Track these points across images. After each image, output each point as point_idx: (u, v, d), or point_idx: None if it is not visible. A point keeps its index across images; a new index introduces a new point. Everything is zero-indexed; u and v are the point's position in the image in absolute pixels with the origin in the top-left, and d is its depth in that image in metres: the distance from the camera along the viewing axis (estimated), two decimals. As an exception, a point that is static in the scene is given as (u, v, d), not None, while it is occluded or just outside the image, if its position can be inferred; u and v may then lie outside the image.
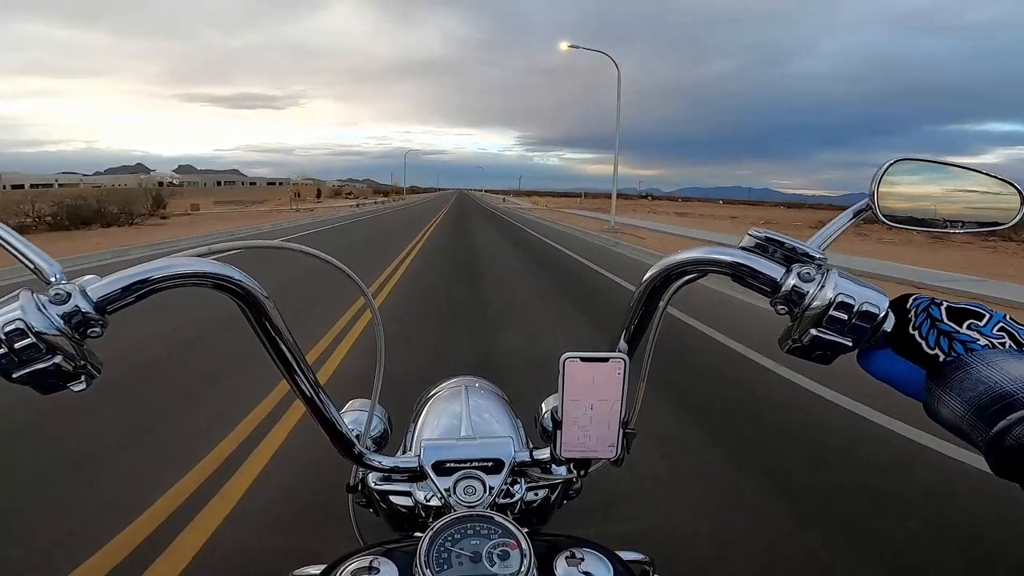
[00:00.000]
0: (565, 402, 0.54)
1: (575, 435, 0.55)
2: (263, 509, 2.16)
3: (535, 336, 4.87)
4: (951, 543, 2.02)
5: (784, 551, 1.98)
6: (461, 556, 0.51)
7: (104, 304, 0.42)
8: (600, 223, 21.38)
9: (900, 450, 2.73)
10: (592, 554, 0.54)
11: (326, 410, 0.58)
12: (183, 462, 2.47)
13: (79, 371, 0.42)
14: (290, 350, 0.54)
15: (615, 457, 0.57)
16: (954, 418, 0.38)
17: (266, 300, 0.50)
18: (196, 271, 0.46)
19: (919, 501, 2.30)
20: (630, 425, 0.58)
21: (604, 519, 2.09)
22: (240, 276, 0.48)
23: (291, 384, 0.56)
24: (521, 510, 0.69)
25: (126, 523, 2.02)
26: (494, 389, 0.87)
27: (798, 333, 0.44)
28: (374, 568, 0.51)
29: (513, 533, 0.52)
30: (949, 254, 13.13)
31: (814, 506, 2.25)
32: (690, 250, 0.49)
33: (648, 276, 0.51)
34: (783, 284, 0.44)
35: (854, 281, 0.43)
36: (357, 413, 0.74)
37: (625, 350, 0.56)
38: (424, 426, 0.76)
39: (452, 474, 0.62)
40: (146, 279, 0.44)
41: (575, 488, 0.80)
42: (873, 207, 0.48)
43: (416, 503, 0.67)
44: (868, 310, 0.41)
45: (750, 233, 0.47)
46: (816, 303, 0.42)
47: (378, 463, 0.63)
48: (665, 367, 3.76)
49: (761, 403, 3.39)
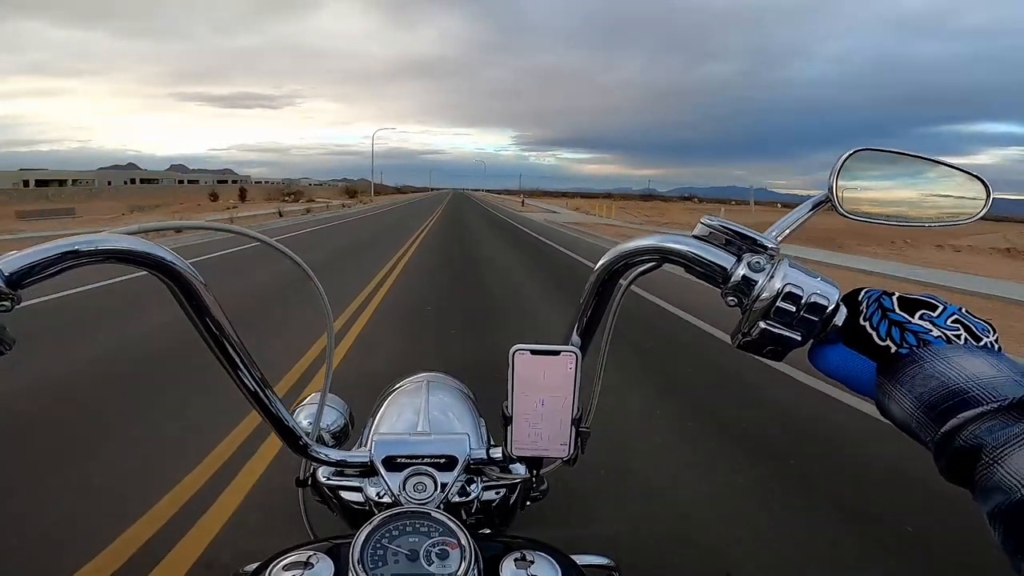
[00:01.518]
0: (515, 397, 0.52)
1: (525, 432, 0.53)
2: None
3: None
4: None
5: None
6: (398, 554, 0.49)
7: (16, 278, 0.40)
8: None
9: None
10: (542, 557, 0.52)
11: (271, 404, 0.56)
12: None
13: None
14: (230, 342, 0.51)
15: (567, 456, 0.54)
16: (904, 416, 0.36)
17: (203, 287, 0.48)
18: (120, 248, 0.44)
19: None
20: (584, 423, 0.56)
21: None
22: (172, 258, 0.46)
23: (233, 378, 0.54)
24: (479, 510, 0.67)
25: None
26: (459, 386, 0.85)
27: (747, 326, 0.42)
28: (310, 564, 0.49)
29: (453, 531, 0.50)
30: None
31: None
32: (640, 238, 0.47)
33: (598, 266, 0.49)
34: (733, 274, 0.42)
35: (805, 272, 0.41)
36: (315, 406, 0.72)
37: (578, 344, 0.54)
38: (381, 421, 0.74)
39: (403, 470, 0.60)
40: (66, 253, 0.42)
41: (541, 489, 0.78)
42: (832, 199, 0.46)
43: (367, 499, 0.65)
44: (816, 302, 0.39)
45: (703, 221, 0.45)
46: (765, 294, 0.40)
47: (325, 456, 0.61)
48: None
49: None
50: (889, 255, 13.47)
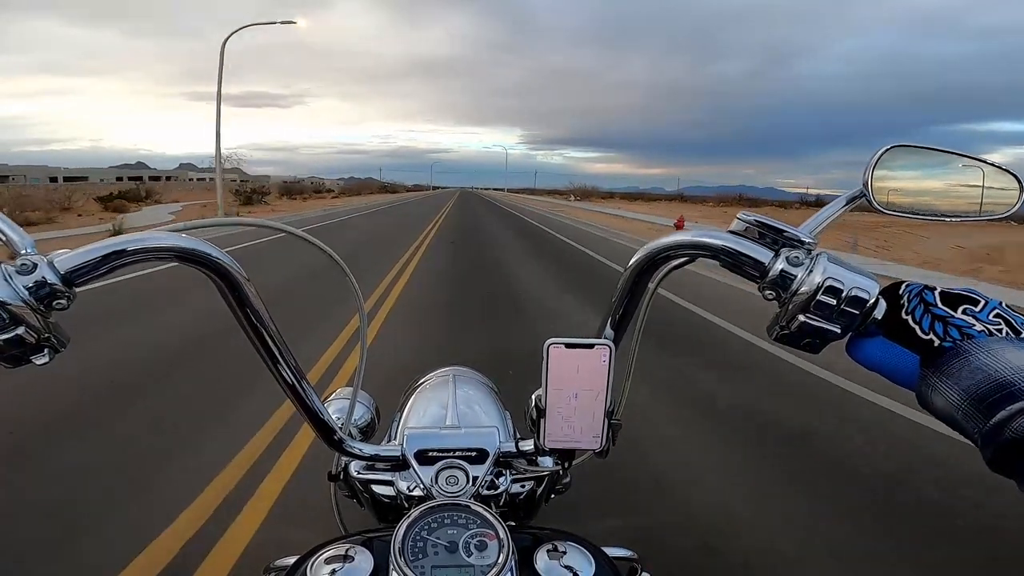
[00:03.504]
0: (548, 391, 0.53)
1: (558, 425, 0.54)
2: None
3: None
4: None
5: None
6: (437, 545, 0.49)
7: (72, 276, 0.41)
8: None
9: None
10: (575, 548, 0.53)
11: (308, 398, 0.57)
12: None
13: (43, 343, 0.41)
14: (271, 336, 0.52)
15: (600, 448, 0.55)
16: (948, 407, 0.36)
17: (246, 282, 0.49)
18: (171, 246, 0.45)
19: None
20: (616, 415, 0.56)
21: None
22: (219, 254, 0.47)
23: (272, 370, 0.55)
24: (507, 502, 0.68)
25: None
26: (483, 380, 0.86)
27: (785, 320, 0.42)
28: (349, 556, 0.50)
29: (491, 523, 0.51)
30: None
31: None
32: (676, 233, 0.47)
33: (633, 261, 0.50)
34: (771, 269, 0.43)
35: (844, 266, 0.41)
36: (343, 401, 0.73)
37: (611, 337, 0.54)
38: (409, 415, 0.75)
39: (435, 463, 0.61)
40: (118, 251, 0.43)
41: (564, 483, 0.79)
42: (867, 194, 0.46)
43: (399, 493, 0.66)
44: (857, 295, 0.40)
45: (739, 217, 0.45)
46: (804, 288, 0.41)
47: (359, 451, 0.62)
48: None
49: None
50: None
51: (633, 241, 12.50)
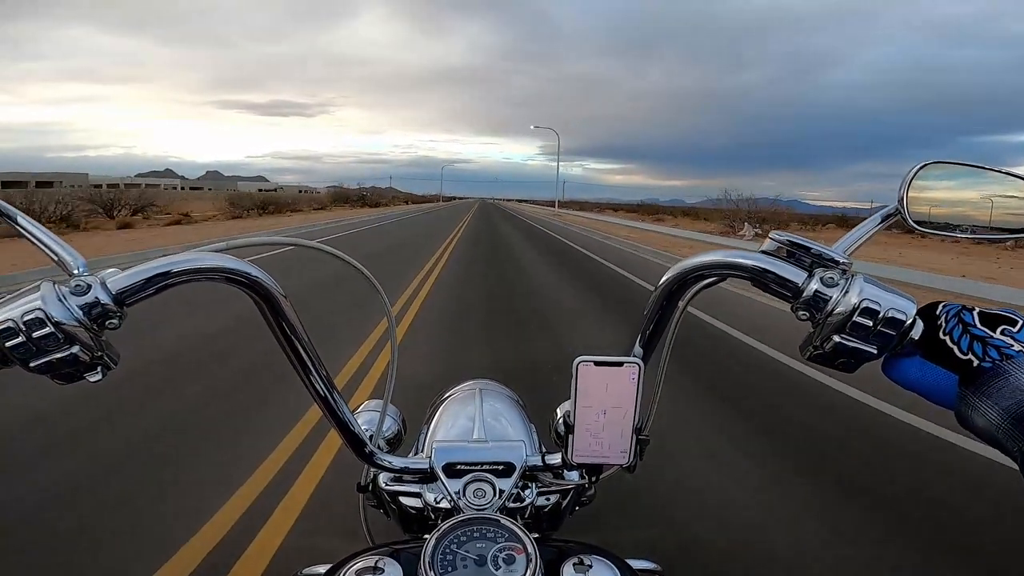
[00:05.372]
0: (577, 408, 0.53)
1: (587, 441, 0.54)
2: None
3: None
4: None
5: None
6: (466, 559, 0.50)
7: (123, 296, 0.43)
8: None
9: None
10: (601, 561, 0.53)
11: (339, 410, 0.58)
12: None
13: (96, 362, 0.43)
14: (305, 349, 0.54)
15: (628, 464, 0.55)
16: (989, 426, 0.36)
17: (283, 299, 0.50)
18: (215, 266, 0.46)
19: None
20: (644, 431, 0.56)
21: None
22: (258, 273, 0.48)
23: (305, 383, 0.56)
24: (532, 515, 0.68)
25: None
26: (509, 393, 0.86)
27: (820, 340, 0.42)
28: (379, 568, 0.51)
29: (520, 537, 0.51)
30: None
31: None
32: (708, 253, 0.47)
33: (664, 280, 0.50)
34: (805, 289, 0.43)
35: (881, 287, 0.41)
36: (371, 413, 0.74)
37: (640, 355, 0.54)
38: (437, 428, 0.76)
39: (462, 476, 0.62)
40: (166, 272, 0.44)
41: (588, 495, 0.79)
42: (902, 212, 0.46)
43: (426, 505, 0.67)
44: (895, 316, 0.40)
45: (771, 237, 0.45)
46: (839, 309, 0.41)
47: (389, 463, 0.63)
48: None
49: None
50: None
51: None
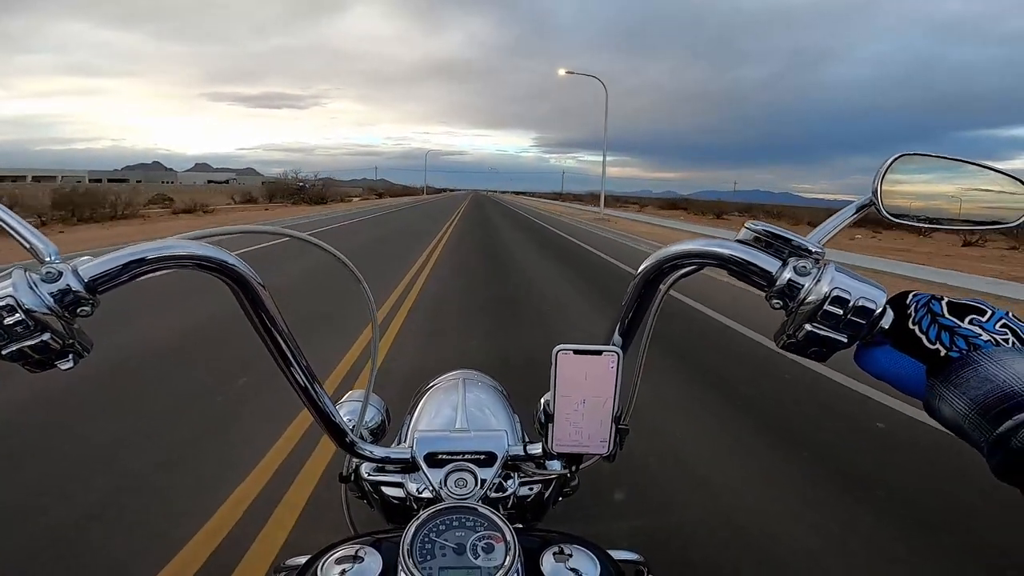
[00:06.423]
0: (557, 397, 0.53)
1: (566, 430, 0.55)
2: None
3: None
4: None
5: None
6: (445, 547, 0.50)
7: (95, 284, 0.42)
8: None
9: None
10: (581, 551, 0.53)
11: (320, 400, 0.58)
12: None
13: (67, 349, 0.42)
14: (285, 340, 0.53)
15: (607, 453, 0.56)
16: (956, 416, 0.37)
17: (261, 288, 0.50)
18: (191, 254, 0.46)
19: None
20: (623, 420, 0.57)
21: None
22: (235, 261, 0.48)
23: (285, 373, 0.56)
24: (514, 504, 0.69)
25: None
26: (493, 383, 0.86)
27: (792, 328, 0.43)
28: (359, 557, 0.51)
29: (498, 526, 0.52)
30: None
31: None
32: (685, 242, 0.48)
33: (642, 269, 0.50)
34: (778, 278, 0.43)
35: (852, 276, 0.41)
36: (355, 404, 0.74)
37: (619, 344, 0.55)
38: (419, 418, 0.76)
39: (444, 466, 0.62)
40: (140, 259, 0.44)
41: (572, 486, 0.79)
42: (876, 203, 0.46)
43: (408, 495, 0.67)
44: (864, 305, 0.40)
45: (747, 226, 0.46)
46: (811, 298, 0.41)
47: (370, 453, 0.63)
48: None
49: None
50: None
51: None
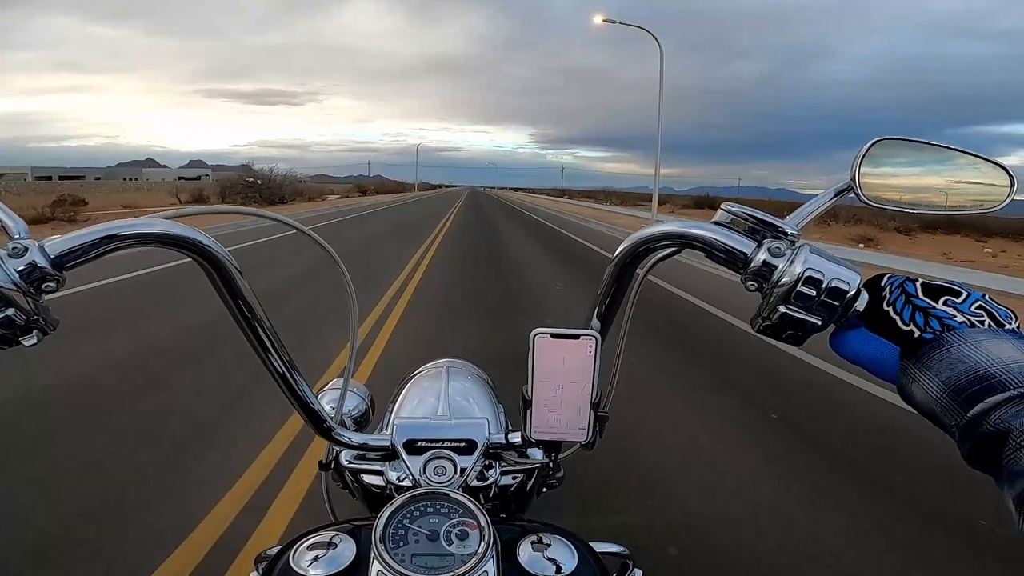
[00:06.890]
0: (534, 382, 0.53)
1: (544, 417, 0.54)
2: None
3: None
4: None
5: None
6: (419, 534, 0.50)
7: (63, 260, 0.42)
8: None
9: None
10: (560, 541, 0.53)
11: (298, 387, 0.58)
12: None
13: (31, 325, 0.42)
14: (260, 325, 0.53)
15: (586, 441, 0.55)
16: (928, 400, 0.36)
17: (236, 270, 0.49)
18: (164, 233, 0.45)
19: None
20: (603, 408, 0.56)
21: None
22: (208, 242, 0.47)
23: (262, 358, 0.55)
24: (498, 495, 0.68)
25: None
26: (478, 372, 0.86)
27: (767, 311, 0.42)
28: (333, 544, 0.51)
29: (473, 512, 0.51)
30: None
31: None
32: (660, 224, 0.47)
33: (619, 251, 0.50)
34: (753, 259, 0.43)
35: (826, 257, 0.41)
36: (338, 392, 0.74)
37: (598, 328, 0.54)
38: (402, 406, 0.75)
39: (423, 453, 0.61)
40: (111, 236, 0.44)
41: (557, 476, 0.79)
42: (855, 188, 0.46)
43: (388, 482, 0.66)
44: (837, 286, 0.40)
45: (723, 208, 0.45)
46: (785, 279, 0.41)
47: (348, 439, 0.63)
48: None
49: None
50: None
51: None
